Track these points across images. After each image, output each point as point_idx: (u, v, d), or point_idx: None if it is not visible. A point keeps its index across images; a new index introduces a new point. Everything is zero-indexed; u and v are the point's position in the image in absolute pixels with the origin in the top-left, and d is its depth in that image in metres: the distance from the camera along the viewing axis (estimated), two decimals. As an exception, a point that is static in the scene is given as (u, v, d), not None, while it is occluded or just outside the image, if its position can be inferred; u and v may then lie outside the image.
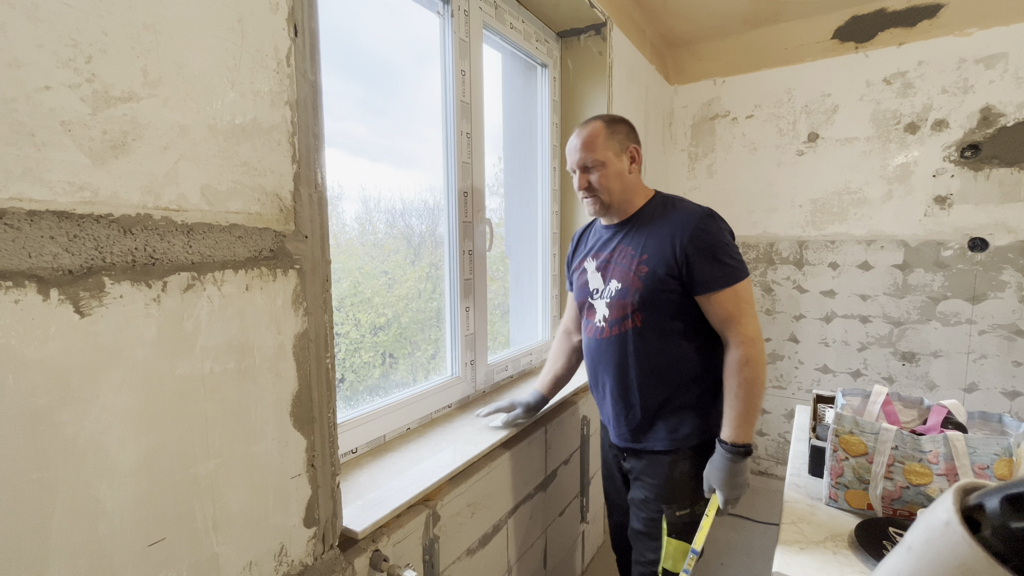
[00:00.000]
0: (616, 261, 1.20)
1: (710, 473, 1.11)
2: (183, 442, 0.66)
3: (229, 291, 0.70)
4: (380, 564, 0.94)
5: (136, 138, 0.60)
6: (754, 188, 2.60)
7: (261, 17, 0.72)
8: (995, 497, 0.32)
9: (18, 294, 0.52)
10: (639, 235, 1.18)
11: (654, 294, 1.12)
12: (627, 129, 1.20)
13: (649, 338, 1.16)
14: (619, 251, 1.21)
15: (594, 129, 1.17)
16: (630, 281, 1.15)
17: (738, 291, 1.09)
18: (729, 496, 1.08)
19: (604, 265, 1.23)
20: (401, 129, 1.43)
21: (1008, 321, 2.12)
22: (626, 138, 1.19)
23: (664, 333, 1.15)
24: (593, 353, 1.26)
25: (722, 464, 1.08)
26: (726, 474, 1.07)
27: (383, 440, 1.26)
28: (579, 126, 1.21)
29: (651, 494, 1.22)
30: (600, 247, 1.27)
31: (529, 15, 1.80)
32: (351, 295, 1.30)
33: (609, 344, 1.20)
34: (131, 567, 0.62)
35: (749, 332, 1.09)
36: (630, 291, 1.15)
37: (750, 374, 1.07)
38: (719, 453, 1.10)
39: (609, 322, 1.20)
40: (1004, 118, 2.06)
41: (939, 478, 0.97)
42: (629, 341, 1.17)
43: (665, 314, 1.14)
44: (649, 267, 1.13)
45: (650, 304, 1.13)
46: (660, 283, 1.11)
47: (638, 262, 1.15)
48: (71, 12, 0.54)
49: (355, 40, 1.28)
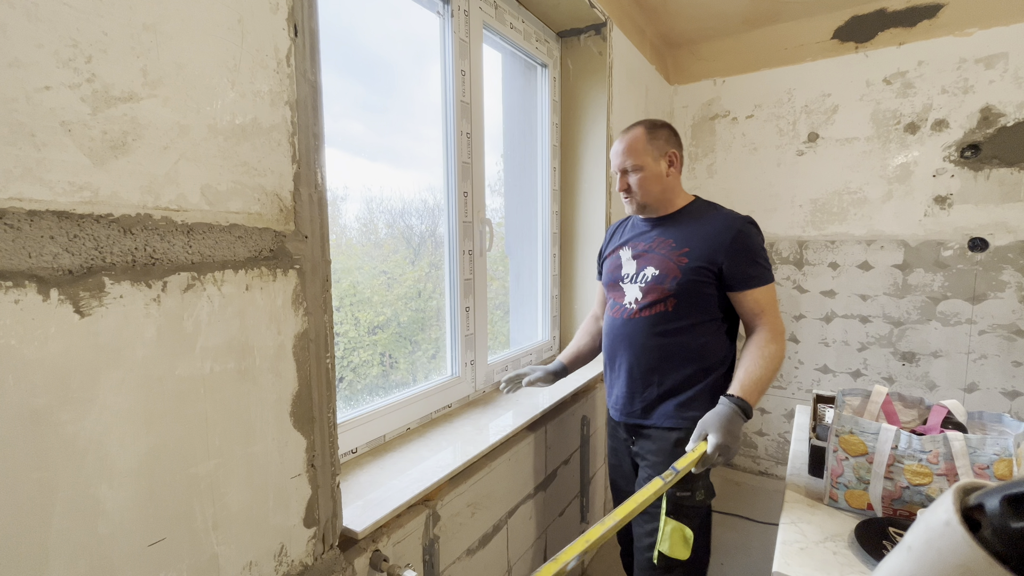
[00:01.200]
0: (654, 250, 1.28)
1: (707, 419, 1.09)
2: (183, 442, 0.66)
3: (229, 291, 0.70)
4: (380, 564, 0.94)
5: (136, 138, 0.60)
6: (754, 188, 2.60)
7: (261, 17, 0.72)
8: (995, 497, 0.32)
9: (18, 294, 0.52)
10: (681, 230, 1.27)
11: (691, 284, 1.20)
12: (667, 134, 1.28)
13: (677, 323, 1.23)
14: (658, 242, 1.29)
15: (636, 135, 1.26)
16: (668, 268, 1.23)
17: (769, 290, 1.21)
18: (721, 440, 1.04)
19: (640, 254, 1.31)
20: (400, 128, 1.43)
21: (1008, 321, 2.12)
22: (666, 143, 1.27)
23: (692, 321, 1.23)
24: (616, 332, 1.33)
25: (724, 412, 1.08)
26: (725, 420, 1.07)
27: (383, 440, 1.26)
28: (623, 130, 1.31)
29: (653, 471, 1.25)
30: (636, 237, 1.35)
31: (529, 15, 1.80)
32: (350, 294, 1.31)
33: (636, 324, 1.28)
34: (131, 567, 0.62)
35: (778, 324, 1.20)
36: (668, 278, 1.23)
37: (774, 350, 1.16)
38: (723, 403, 1.10)
39: (640, 304, 1.27)
40: (1004, 118, 2.06)
41: (939, 478, 0.97)
42: (658, 323, 1.25)
43: (696, 304, 1.22)
44: (690, 259, 1.21)
45: (685, 292, 1.21)
46: (698, 274, 1.20)
47: (679, 253, 1.23)
48: (71, 12, 0.54)
49: (353, 37, 1.27)
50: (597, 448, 2.01)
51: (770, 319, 1.20)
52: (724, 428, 1.06)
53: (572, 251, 2.11)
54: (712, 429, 1.07)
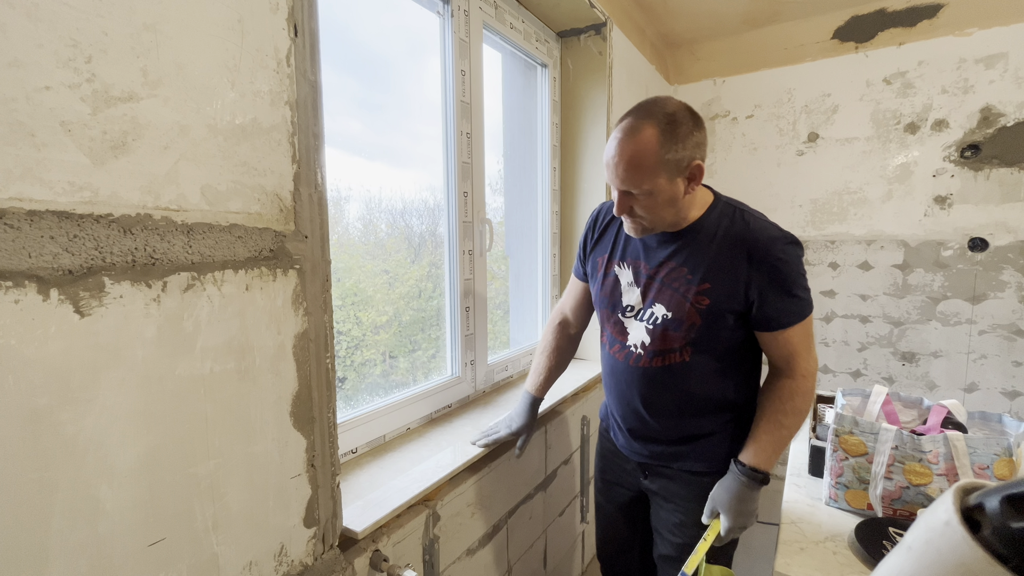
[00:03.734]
0: (664, 281, 1.01)
1: (717, 494, 0.99)
2: (183, 442, 0.66)
3: (229, 291, 0.70)
4: (380, 564, 0.94)
5: (136, 138, 0.60)
6: (754, 188, 2.60)
7: (261, 17, 0.72)
8: (995, 497, 0.32)
9: (18, 294, 0.52)
10: (698, 255, 0.98)
11: (712, 331, 0.98)
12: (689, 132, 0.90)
13: (695, 375, 1.02)
14: (668, 269, 1.01)
15: (645, 143, 0.88)
16: (685, 313, 0.98)
17: (806, 325, 0.97)
18: (734, 524, 0.95)
19: (646, 281, 1.04)
20: (399, 127, 1.42)
21: (1008, 321, 2.12)
22: (691, 151, 0.91)
23: (711, 371, 1.02)
24: (622, 377, 1.11)
25: (734, 487, 0.97)
26: (735, 498, 0.96)
27: (383, 440, 1.26)
28: (623, 128, 0.91)
29: (688, 518, 1.09)
30: (639, 254, 1.07)
31: (529, 15, 1.80)
32: (352, 294, 1.31)
33: (647, 373, 1.05)
34: (131, 567, 0.62)
35: (810, 367, 0.98)
36: (684, 324, 0.98)
37: (800, 404, 0.97)
38: (733, 474, 0.98)
39: (649, 351, 1.04)
40: (1004, 118, 2.06)
41: (939, 478, 0.98)
42: (673, 374, 1.03)
43: (718, 348, 1.00)
44: (712, 299, 0.96)
45: (705, 340, 0.99)
46: (722, 320, 0.97)
47: (696, 291, 0.97)
48: (71, 12, 0.54)
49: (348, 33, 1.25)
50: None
51: (802, 362, 0.98)
52: (735, 508, 0.95)
53: (572, 251, 2.11)
54: (723, 508, 0.96)
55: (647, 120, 0.89)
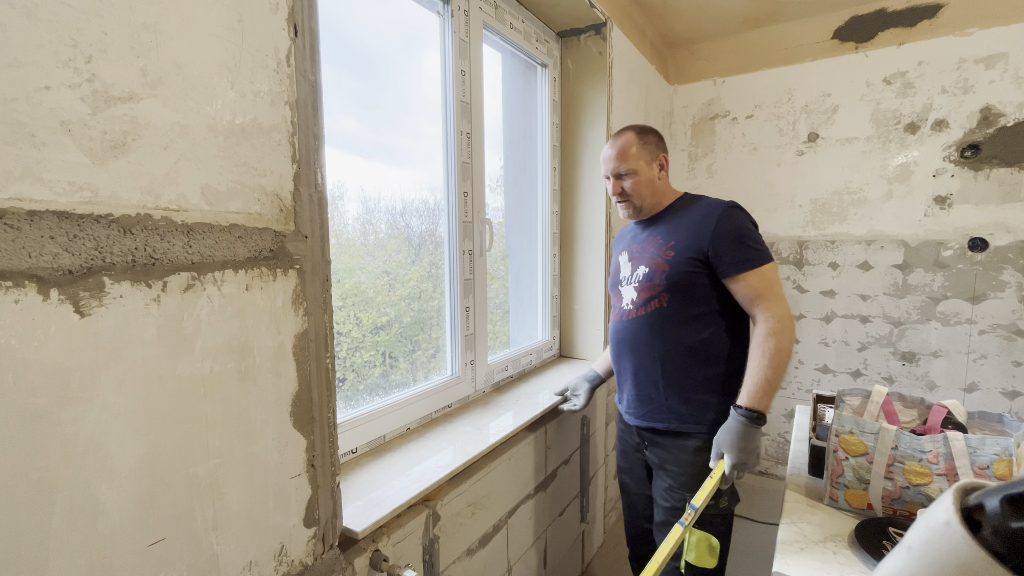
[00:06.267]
0: (644, 250, 1.29)
1: (720, 437, 1.10)
2: (183, 442, 0.66)
3: (229, 291, 0.70)
4: (380, 564, 0.94)
5: (136, 138, 0.60)
6: (754, 188, 2.60)
7: (261, 17, 0.72)
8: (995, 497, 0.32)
9: (18, 294, 0.52)
10: (667, 226, 1.27)
11: (681, 276, 1.18)
12: (656, 139, 1.30)
13: (675, 319, 1.21)
14: (648, 241, 1.30)
15: (627, 140, 1.27)
16: (657, 264, 1.23)
17: (765, 272, 1.14)
18: (737, 460, 1.05)
19: (635, 255, 1.32)
20: (396, 125, 1.41)
21: (1008, 321, 2.12)
22: (656, 147, 1.29)
23: (690, 315, 1.20)
24: (619, 335, 1.33)
25: (734, 427, 1.07)
26: (736, 437, 1.06)
27: (383, 440, 1.26)
28: (613, 136, 1.32)
29: (675, 482, 1.25)
30: (632, 240, 1.37)
31: (529, 15, 1.80)
32: (352, 294, 1.30)
33: (634, 324, 1.27)
34: (131, 567, 0.62)
35: (778, 310, 1.12)
36: (657, 273, 1.22)
37: (776, 344, 1.10)
38: (732, 417, 1.09)
39: (636, 304, 1.27)
40: (1004, 118, 2.06)
41: (939, 478, 0.98)
42: (655, 322, 1.23)
43: (691, 297, 1.19)
44: (676, 251, 1.20)
45: (676, 285, 1.19)
46: (686, 264, 1.18)
47: (665, 248, 1.23)
48: (71, 12, 0.54)
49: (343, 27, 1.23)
50: (597, 448, 2.01)
51: (770, 305, 1.13)
52: (737, 446, 1.06)
53: (572, 251, 2.11)
54: (726, 448, 1.07)
55: (626, 130, 1.31)
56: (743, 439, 1.06)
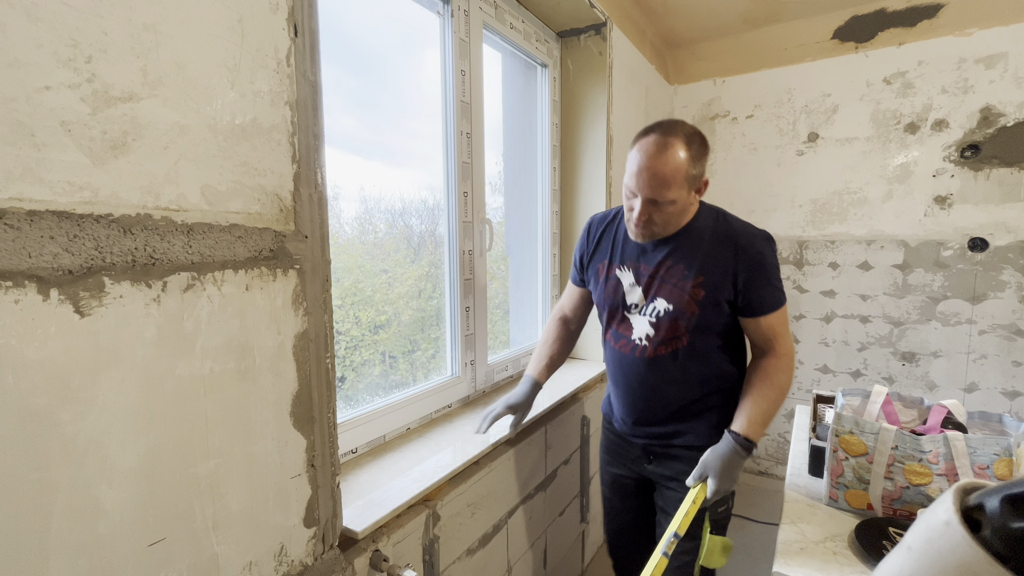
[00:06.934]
0: (663, 278, 1.14)
1: (709, 460, 1.07)
2: (183, 442, 0.66)
3: (229, 291, 0.70)
4: (380, 564, 0.94)
5: (136, 138, 0.60)
6: (754, 188, 2.60)
7: (261, 17, 0.72)
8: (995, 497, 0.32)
9: (18, 294, 0.52)
10: (691, 253, 1.11)
11: (709, 318, 1.11)
12: (705, 153, 1.07)
13: (693, 355, 1.15)
14: (666, 267, 1.14)
15: (677, 163, 1.01)
16: (684, 304, 1.11)
17: (783, 313, 1.12)
18: (720, 487, 1.04)
19: (647, 280, 1.16)
20: (395, 124, 1.41)
21: (1008, 321, 2.12)
22: (703, 167, 1.08)
23: (708, 349, 1.16)
24: (630, 369, 1.21)
25: (726, 453, 1.05)
26: (725, 464, 1.05)
27: (383, 440, 1.26)
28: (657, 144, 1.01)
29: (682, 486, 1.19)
30: (637, 257, 1.19)
31: (529, 15, 1.80)
32: (351, 293, 1.30)
33: (652, 363, 1.17)
34: (131, 567, 0.62)
35: (789, 348, 1.13)
36: (684, 314, 1.11)
37: (783, 380, 1.10)
38: (726, 442, 1.07)
39: (654, 342, 1.16)
40: (1004, 118, 2.06)
41: (939, 478, 0.98)
42: (677, 360, 1.15)
43: (712, 333, 1.14)
44: (707, 291, 1.09)
45: (703, 327, 1.12)
46: (717, 308, 1.10)
47: (693, 284, 1.10)
48: (71, 12, 0.54)
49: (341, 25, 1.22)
50: (597, 448, 2.01)
51: (784, 341, 1.12)
52: (723, 472, 1.04)
53: (572, 251, 2.11)
54: (712, 472, 1.05)
55: (675, 138, 1.02)
56: (731, 467, 1.05)
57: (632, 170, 1.05)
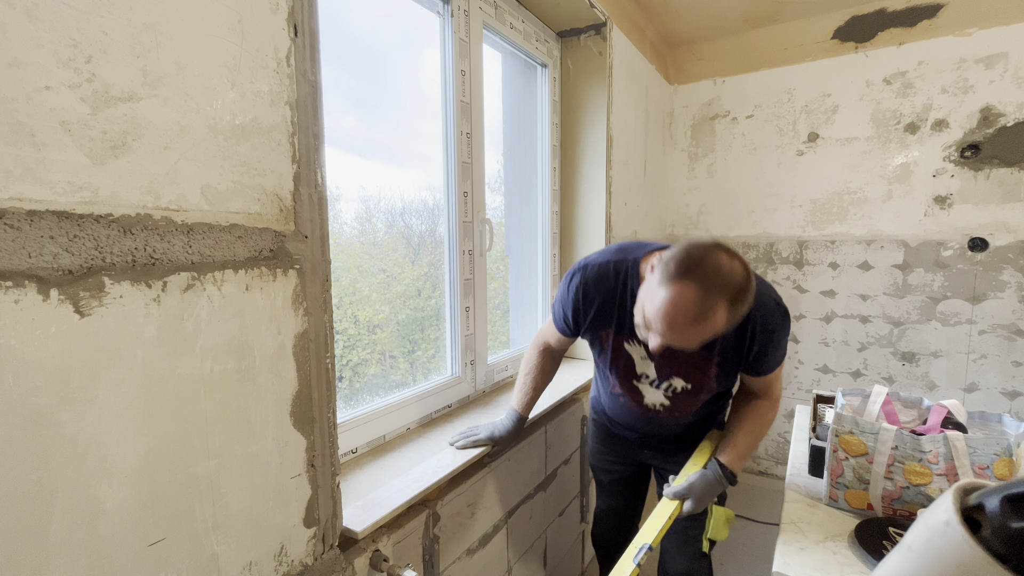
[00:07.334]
0: (680, 358, 1.09)
1: (696, 484, 1.10)
2: (183, 442, 0.66)
3: (229, 291, 0.70)
4: (380, 564, 0.94)
5: (136, 138, 0.60)
6: (754, 188, 2.60)
7: (261, 17, 0.72)
8: (995, 497, 0.32)
9: (18, 294, 0.52)
10: None
11: (724, 385, 1.17)
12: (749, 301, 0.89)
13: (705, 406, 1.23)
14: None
15: (716, 328, 0.87)
16: (701, 383, 1.13)
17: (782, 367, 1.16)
18: (695, 509, 1.09)
19: (660, 357, 1.11)
20: (395, 124, 1.41)
21: (1008, 321, 2.12)
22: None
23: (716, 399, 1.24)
24: (639, 418, 1.26)
25: (711, 481, 1.10)
26: (707, 490, 1.10)
27: (383, 440, 1.26)
28: (692, 306, 0.83)
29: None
30: None
31: (529, 15, 1.80)
32: (350, 292, 1.30)
33: (663, 420, 1.23)
34: (131, 567, 0.62)
35: (780, 391, 1.21)
36: (703, 391, 1.14)
37: (771, 418, 1.18)
38: (713, 471, 1.11)
39: (668, 408, 1.19)
40: (1004, 118, 2.06)
41: (939, 478, 0.97)
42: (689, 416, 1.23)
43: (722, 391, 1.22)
44: (723, 368, 1.10)
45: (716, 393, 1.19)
46: (732, 376, 1.15)
47: (710, 363, 1.09)
48: (71, 12, 0.54)
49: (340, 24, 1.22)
50: (597, 448, 2.01)
51: (775, 389, 1.18)
52: (704, 496, 1.09)
53: (572, 251, 2.11)
54: (693, 496, 1.09)
55: (718, 298, 0.84)
56: (711, 493, 1.10)
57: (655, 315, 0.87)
